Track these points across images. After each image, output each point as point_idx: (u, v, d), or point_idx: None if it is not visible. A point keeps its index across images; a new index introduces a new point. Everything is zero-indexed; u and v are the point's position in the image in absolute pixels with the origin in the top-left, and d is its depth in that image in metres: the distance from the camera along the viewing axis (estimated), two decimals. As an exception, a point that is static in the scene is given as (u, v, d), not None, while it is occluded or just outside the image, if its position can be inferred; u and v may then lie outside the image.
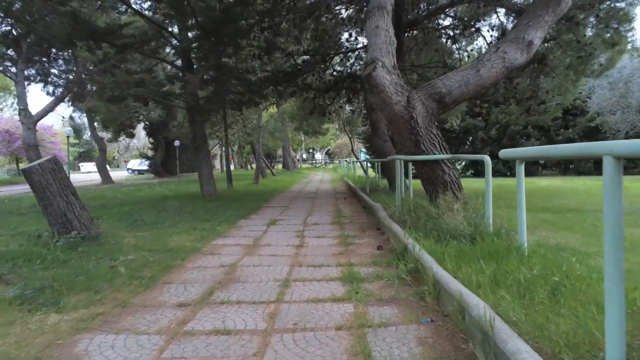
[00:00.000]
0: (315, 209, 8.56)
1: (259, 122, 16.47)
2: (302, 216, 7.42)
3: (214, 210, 8.10)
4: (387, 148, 10.65)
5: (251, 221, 6.92)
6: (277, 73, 11.77)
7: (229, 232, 5.91)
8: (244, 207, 8.61)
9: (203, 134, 10.22)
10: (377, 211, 6.44)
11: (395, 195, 9.18)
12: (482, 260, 3.15)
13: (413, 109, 5.01)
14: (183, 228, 6.05)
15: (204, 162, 10.21)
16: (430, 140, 5.18)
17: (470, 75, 4.89)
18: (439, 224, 4.55)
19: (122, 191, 14.34)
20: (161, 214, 7.46)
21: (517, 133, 18.38)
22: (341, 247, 4.80)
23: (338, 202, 9.92)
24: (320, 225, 6.31)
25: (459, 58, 11.33)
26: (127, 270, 3.80)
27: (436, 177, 5.35)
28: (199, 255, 4.45)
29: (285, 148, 31.10)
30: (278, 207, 8.91)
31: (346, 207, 8.63)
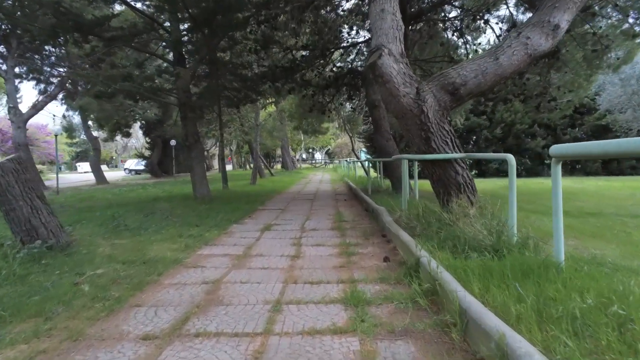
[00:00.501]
0: (314, 212, 8.00)
1: (257, 121, 15.89)
2: (300, 220, 6.86)
3: (205, 213, 7.53)
4: (390, 147, 10.09)
5: (244, 226, 6.35)
6: (274, 68, 11.21)
7: (218, 239, 5.34)
8: (237, 210, 8.04)
9: (195, 132, 9.65)
10: (381, 215, 5.88)
11: (400, 197, 8.64)
12: (514, 279, 2.60)
13: (423, 102, 4.45)
14: (168, 234, 5.49)
15: (196, 162, 9.65)
16: (442, 137, 4.62)
17: (488, 64, 4.33)
18: (454, 232, 3.99)
19: (113, 192, 13.77)
20: (147, 218, 6.90)
21: (523, 132, 17.82)
22: (342, 257, 4.23)
23: (338, 204, 9.36)
24: (319, 231, 5.75)
25: (466, 53, 10.77)
26: (92, 288, 3.24)
27: (448, 178, 4.79)
28: (180, 269, 3.88)
29: (284, 147, 30.51)
30: (274, 210, 8.35)
31: (347, 210, 8.07)
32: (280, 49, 11.36)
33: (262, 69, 11.17)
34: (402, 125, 4.78)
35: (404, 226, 4.87)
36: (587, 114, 17.52)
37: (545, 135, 17.80)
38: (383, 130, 10.12)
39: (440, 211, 4.65)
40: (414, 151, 5.02)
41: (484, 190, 9.98)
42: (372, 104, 10.03)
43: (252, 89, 11.01)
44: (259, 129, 15.96)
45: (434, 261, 3.09)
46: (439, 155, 4.66)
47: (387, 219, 5.42)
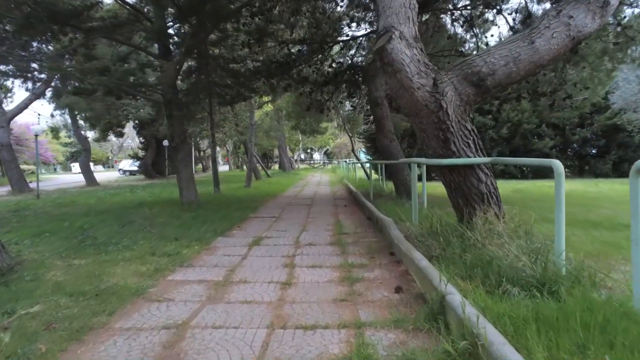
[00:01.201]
0: (311, 220, 7.21)
1: (251, 120, 15.10)
2: (295, 231, 6.07)
3: (188, 223, 6.74)
4: (394, 148, 9.31)
5: (230, 240, 5.56)
6: (269, 64, 10.41)
7: (197, 258, 4.54)
8: (226, 218, 7.26)
9: (182, 132, 8.86)
10: (387, 228, 5.09)
11: (405, 203, 7.87)
12: (593, 344, 1.82)
13: (442, 95, 3.67)
14: (139, 252, 4.69)
15: (183, 165, 8.86)
16: (463, 138, 3.84)
17: (521, 49, 3.55)
18: (483, 256, 3.21)
19: (98, 195, 12.96)
20: (122, 229, 6.10)
21: (530, 132, 17.05)
22: (344, 286, 3.45)
23: (338, 210, 8.57)
24: (317, 247, 4.96)
25: (476, 47, 10.00)
26: (14, 338, 2.45)
27: (469, 187, 4.01)
28: (140, 304, 3.09)
29: (281, 148, 29.68)
30: (267, 218, 7.56)
31: (348, 218, 7.28)
32: (276, 43, 10.57)
33: (256, 64, 10.37)
34: (416, 124, 3.99)
35: (416, 244, 4.09)
36: (598, 113, 16.77)
37: (553, 136, 17.03)
38: (386, 130, 9.34)
39: (460, 226, 3.86)
40: (428, 154, 4.23)
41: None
42: (374, 102, 9.25)
43: (245, 86, 10.23)
44: (253, 129, 15.16)
45: (470, 306, 2.31)
46: (460, 160, 3.88)
47: (396, 234, 4.64)
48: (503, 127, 17.11)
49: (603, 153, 17.32)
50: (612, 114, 16.73)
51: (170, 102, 8.74)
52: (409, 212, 6.21)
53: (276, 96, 13.83)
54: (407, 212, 6.23)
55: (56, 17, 8.03)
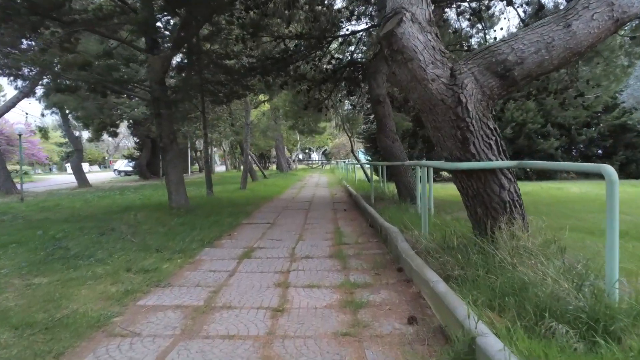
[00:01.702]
0: (309, 227, 6.66)
1: (247, 119, 14.54)
2: (290, 241, 5.52)
3: (175, 230, 6.20)
4: (396, 149, 8.77)
5: (218, 251, 5.00)
6: (264, 60, 9.87)
7: (178, 274, 3.99)
8: (217, 225, 6.71)
9: (171, 132, 8.30)
10: (393, 239, 4.54)
11: (409, 209, 7.33)
12: None
13: (461, 88, 3.13)
14: (113, 267, 4.14)
15: (171, 167, 8.30)
16: (484, 138, 3.30)
17: (555, 33, 3.01)
18: (513, 280, 2.67)
19: (86, 198, 12.38)
20: (100, 239, 5.54)
21: (535, 132, 16.53)
22: (347, 313, 2.91)
23: (337, 215, 8.03)
24: (314, 261, 4.41)
25: (482, 42, 9.48)
26: None
27: (490, 194, 3.47)
28: (98, 340, 2.54)
29: (278, 148, 29.08)
30: (261, 225, 7.00)
31: (348, 225, 6.74)
32: (272, 38, 10.01)
33: (250, 61, 9.82)
34: (429, 122, 3.45)
35: (429, 260, 3.55)
36: (605, 112, 16.27)
37: (559, 136, 16.52)
38: (388, 129, 8.79)
39: (481, 240, 3.32)
40: (442, 156, 3.69)
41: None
42: (375, 100, 8.71)
43: (239, 83, 9.68)
44: (249, 128, 14.59)
45: (515, 357, 1.76)
46: (480, 163, 3.34)
47: (403, 247, 4.09)
48: (507, 127, 16.60)
49: (609, 154, 16.81)
50: (620, 113, 16.23)
51: (158, 99, 8.19)
52: (416, 219, 5.68)
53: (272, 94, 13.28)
54: (413, 219, 5.70)
55: (35, 8, 7.48)
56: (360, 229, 6.29)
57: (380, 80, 8.78)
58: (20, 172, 14.85)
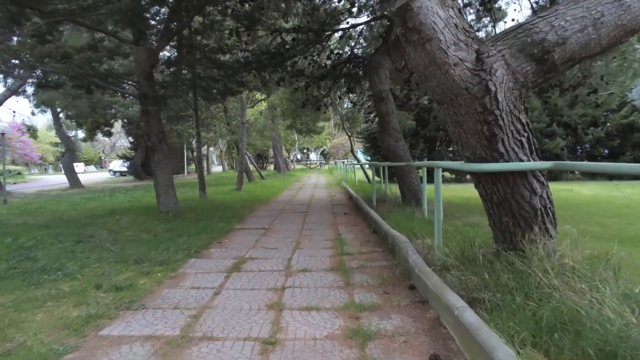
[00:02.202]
0: (307, 233, 6.12)
1: (243, 118, 13.99)
2: (286, 250, 4.99)
3: (160, 237, 5.66)
4: (400, 149, 8.25)
5: (205, 262, 4.46)
6: (259, 55, 9.33)
7: (155, 293, 3.45)
8: (206, 231, 6.17)
9: (160, 130, 7.75)
10: (402, 250, 4.01)
11: (415, 213, 6.81)
12: None
13: (489, 74, 2.61)
14: (82, 283, 3.60)
15: (160, 168, 7.75)
16: (515, 135, 2.79)
17: (604, 8, 2.49)
18: (561, 310, 2.14)
19: (73, 200, 11.81)
20: (75, 247, 5.00)
21: (540, 132, 16.04)
22: (352, 347, 2.38)
23: (337, 219, 7.49)
24: (313, 276, 3.87)
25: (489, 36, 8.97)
26: None
27: (520, 200, 2.97)
28: (37, 391, 2.00)
29: (276, 148, 28.49)
30: (255, 230, 6.47)
31: (349, 231, 6.20)
32: (268, 31, 9.47)
33: (245, 55, 9.27)
34: (449, 116, 2.92)
35: (448, 279, 3.02)
36: (612, 112, 15.78)
37: (565, 135, 16.03)
38: (391, 128, 8.27)
39: (511, 255, 2.80)
40: (464, 156, 3.16)
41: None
42: (378, 96, 8.18)
43: (233, 79, 9.14)
44: (245, 127, 14.05)
45: None
46: (510, 164, 2.82)
47: (415, 260, 3.56)
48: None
49: (617, 154, 16.34)
50: (629, 112, 15.75)
51: (146, 95, 7.64)
52: (424, 225, 5.17)
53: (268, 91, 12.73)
54: (422, 225, 5.19)
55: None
56: (363, 236, 5.75)
57: (382, 75, 8.26)
58: (3, 172, 14.24)
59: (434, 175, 3.99)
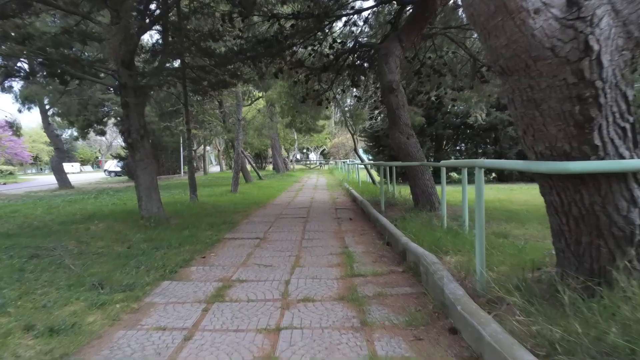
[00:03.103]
0: (308, 245, 5.22)
1: (239, 115, 13.09)
2: (284, 268, 4.09)
3: (134, 250, 4.77)
4: (412, 146, 7.36)
5: (182, 287, 3.55)
6: (255, 43, 8.42)
7: (104, 338, 2.54)
8: (191, 242, 5.28)
9: (141, 126, 6.85)
10: (434, 276, 3.09)
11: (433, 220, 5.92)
12: None
13: (589, 25, 1.71)
14: (7, 322, 2.70)
15: (141, 168, 6.85)
16: (617, 119, 1.90)
17: None
18: None
19: (54, 203, 10.90)
20: (29, 264, 4.11)
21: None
22: None
23: (342, 227, 6.59)
24: (317, 308, 2.97)
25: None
26: None
27: (612, 213, 2.09)
28: None
29: (274, 147, 27.52)
30: (248, 241, 5.56)
31: (358, 243, 5.30)
32: (264, 17, 8.57)
33: (240, 42, 8.35)
34: (519, 91, 2.02)
35: (510, 326, 2.12)
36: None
37: None
38: (402, 123, 7.37)
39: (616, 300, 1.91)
40: (533, 148, 2.26)
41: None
42: (387, 87, 7.28)
43: (226, 70, 8.25)
44: (241, 125, 13.13)
45: None
46: (609, 164, 1.93)
47: (455, 292, 2.65)
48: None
49: None
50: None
51: (125, 86, 6.75)
52: (449, 237, 4.29)
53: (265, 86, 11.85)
54: (446, 236, 4.31)
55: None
56: (375, 249, 4.85)
57: (392, 64, 7.36)
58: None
59: (475, 177, 3.09)
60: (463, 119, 15.63)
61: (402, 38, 7.41)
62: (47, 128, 19.72)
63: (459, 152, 18.01)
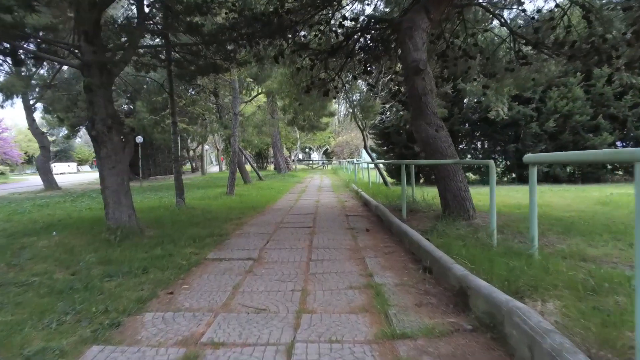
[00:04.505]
0: (317, 271, 3.86)
1: (235, 109, 11.73)
2: (283, 317, 2.73)
3: (78, 280, 3.43)
4: (442, 140, 6.02)
5: (119, 358, 2.19)
6: (251, 21, 7.07)
7: None
8: (160, 264, 3.94)
9: (109, 115, 5.52)
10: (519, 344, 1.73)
11: (479, 233, 4.59)
12: None
13: None
14: None
15: (108, 167, 5.51)
16: None
17: None
18: None
19: (22, 208, 9.56)
20: None
21: (583, 125, 13.76)
22: None
23: (359, 241, 5.23)
24: None
25: None
26: None
27: None
28: None
29: (275, 146, 26.09)
30: (237, 263, 4.21)
31: (385, 267, 3.93)
32: (262, -10, 7.22)
33: (232, 16, 6.99)
34: None
35: None
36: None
37: (612, 130, 13.73)
38: (429, 112, 6.02)
39: None
40: None
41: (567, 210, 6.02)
42: (412, 68, 5.91)
43: (216, 49, 6.90)
44: (237, 119, 11.76)
45: None
46: None
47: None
48: (549, 120, 13.83)
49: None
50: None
51: (89, 64, 5.42)
52: (513, 260, 2.97)
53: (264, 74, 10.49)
54: (514, 262, 2.98)
55: None
56: (412, 279, 3.48)
57: (418, 39, 6.00)
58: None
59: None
60: (482, 114, 14.25)
61: (429, 8, 6.05)
62: (31, 125, 18.40)
63: (474, 150, 16.66)
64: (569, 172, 14.47)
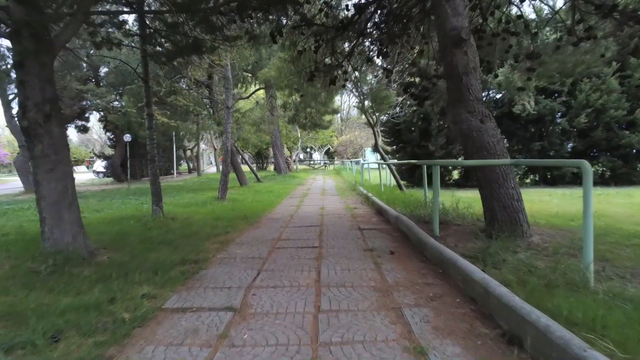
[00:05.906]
0: (332, 336, 2.42)
1: (228, 102, 10.28)
2: None
3: None
4: (489, 134, 4.61)
5: None
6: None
7: None
8: (87, 321, 2.49)
9: (47, 99, 4.11)
10: None
11: (559, 265, 3.16)
12: None
13: None
14: None
15: (43, 170, 4.11)
16: None
17: None
18: None
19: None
20: None
21: (617, 121, 12.31)
22: None
23: (384, 272, 3.79)
24: None
25: None
26: None
27: None
28: None
29: (275, 145, 24.58)
30: (209, 318, 2.77)
31: (442, 331, 2.49)
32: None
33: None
34: None
35: None
36: None
37: (648, 127, 12.29)
38: (471, 97, 4.60)
39: None
40: None
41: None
42: (452, 38, 4.48)
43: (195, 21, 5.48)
44: (230, 113, 10.28)
45: None
46: None
47: None
48: (580, 115, 12.37)
49: None
50: None
51: (20, 31, 4.02)
52: None
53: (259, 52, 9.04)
54: None
55: None
56: (486, 352, 2.04)
57: (459, 1, 4.57)
58: None
59: None
60: (504, 109, 12.80)
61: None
62: (9, 122, 16.98)
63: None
64: (600, 173, 13.00)
